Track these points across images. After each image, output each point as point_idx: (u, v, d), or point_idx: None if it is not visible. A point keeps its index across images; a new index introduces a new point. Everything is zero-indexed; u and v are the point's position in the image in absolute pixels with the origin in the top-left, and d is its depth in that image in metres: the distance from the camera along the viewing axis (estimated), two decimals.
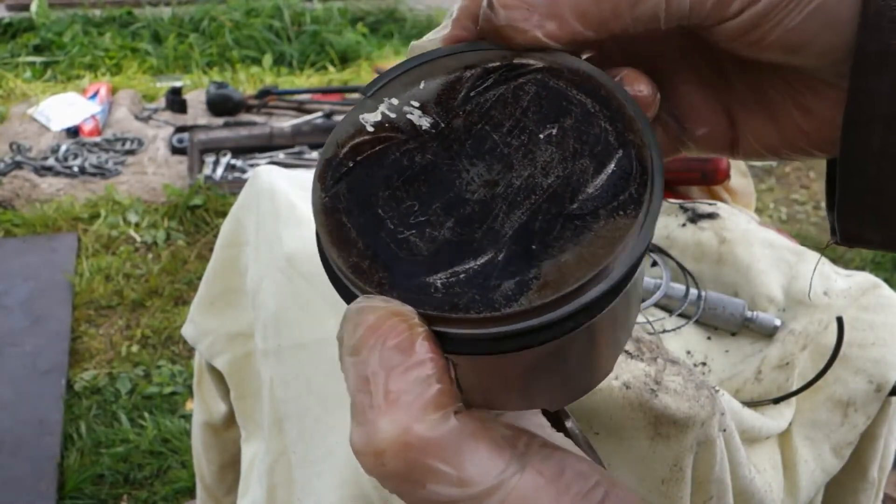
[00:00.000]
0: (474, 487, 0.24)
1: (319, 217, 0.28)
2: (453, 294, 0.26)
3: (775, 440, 0.88)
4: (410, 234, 0.27)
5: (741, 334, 0.97)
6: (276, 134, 3.69)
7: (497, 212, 0.27)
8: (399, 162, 0.29)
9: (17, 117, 4.07)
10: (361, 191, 0.28)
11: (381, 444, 0.24)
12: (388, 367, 0.24)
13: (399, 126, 0.29)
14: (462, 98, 0.30)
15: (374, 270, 0.27)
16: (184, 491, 2.01)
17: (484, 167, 0.28)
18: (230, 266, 1.08)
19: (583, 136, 0.29)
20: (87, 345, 2.52)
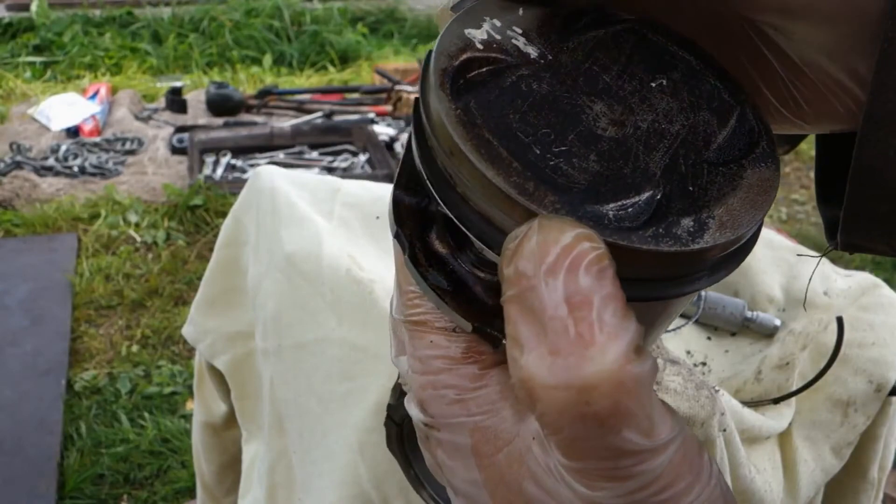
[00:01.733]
0: (657, 439, 0.23)
1: (458, 129, 0.25)
2: (631, 227, 0.24)
3: (775, 440, 0.88)
4: (559, 161, 0.25)
5: (741, 334, 0.97)
6: (276, 134, 3.69)
7: (636, 151, 0.26)
8: (517, 86, 0.27)
9: (17, 117, 4.07)
10: (492, 109, 0.26)
11: (591, 379, 0.21)
12: (590, 295, 0.21)
13: (507, 49, 0.28)
14: (561, 33, 0.29)
15: (543, 193, 0.24)
16: (184, 491, 2.01)
17: (604, 106, 0.27)
18: (230, 266, 1.08)
19: (695, 91, 0.29)
20: (87, 345, 2.52)
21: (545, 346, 0.22)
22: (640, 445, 0.22)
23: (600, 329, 0.21)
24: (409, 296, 0.29)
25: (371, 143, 3.66)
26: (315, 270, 0.88)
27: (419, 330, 0.28)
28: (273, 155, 3.57)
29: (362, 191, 1.01)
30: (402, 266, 0.29)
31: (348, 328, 0.84)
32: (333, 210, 0.98)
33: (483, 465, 0.26)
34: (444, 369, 0.27)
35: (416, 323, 0.28)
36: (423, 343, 0.28)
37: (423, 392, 0.27)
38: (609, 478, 0.23)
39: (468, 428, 0.26)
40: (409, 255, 0.28)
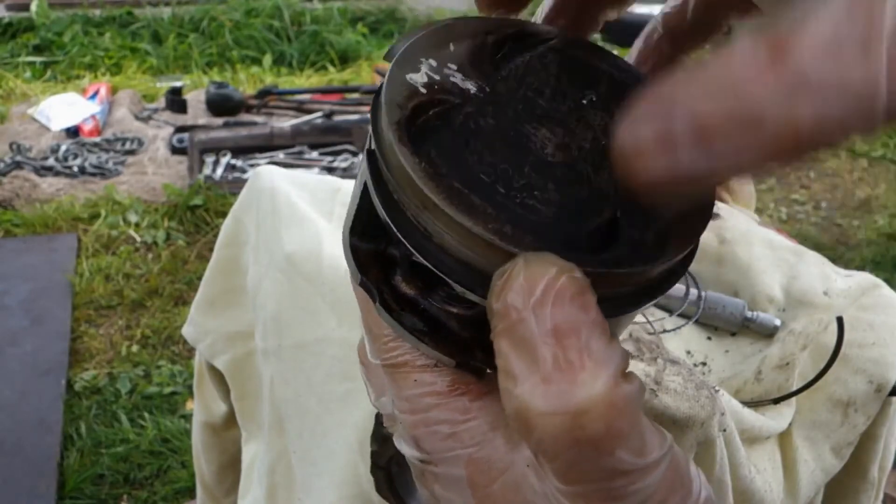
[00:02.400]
0: (648, 458, 0.23)
1: (428, 184, 0.25)
2: (601, 250, 0.25)
3: (775, 440, 0.88)
4: (524, 197, 0.26)
5: (741, 334, 0.97)
6: (276, 134, 3.69)
7: (587, 173, 0.27)
8: (467, 125, 0.27)
9: (17, 117, 4.07)
10: (452, 155, 0.26)
11: (584, 403, 0.22)
12: (578, 324, 0.22)
13: (448, 88, 0.28)
14: (492, 63, 0.29)
15: (521, 234, 0.25)
16: (184, 491, 2.01)
17: (547, 131, 0.28)
18: (230, 266, 1.08)
19: (622, 102, 0.29)
20: (87, 345, 2.52)
21: (537, 375, 0.22)
22: (634, 465, 0.23)
23: (589, 355, 0.22)
24: (383, 340, 0.29)
25: None
26: (315, 270, 0.88)
27: (401, 371, 0.29)
28: (273, 155, 3.57)
29: None
30: (371, 311, 0.29)
31: (348, 328, 0.84)
32: (333, 210, 0.98)
33: (479, 496, 0.26)
34: (433, 405, 0.28)
35: (396, 365, 0.29)
36: (407, 383, 0.28)
37: (416, 430, 0.28)
38: (605, 499, 0.23)
39: (463, 460, 0.27)
40: (379, 302, 0.29)
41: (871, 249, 3.40)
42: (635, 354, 0.72)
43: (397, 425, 0.29)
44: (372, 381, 0.32)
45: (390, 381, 0.29)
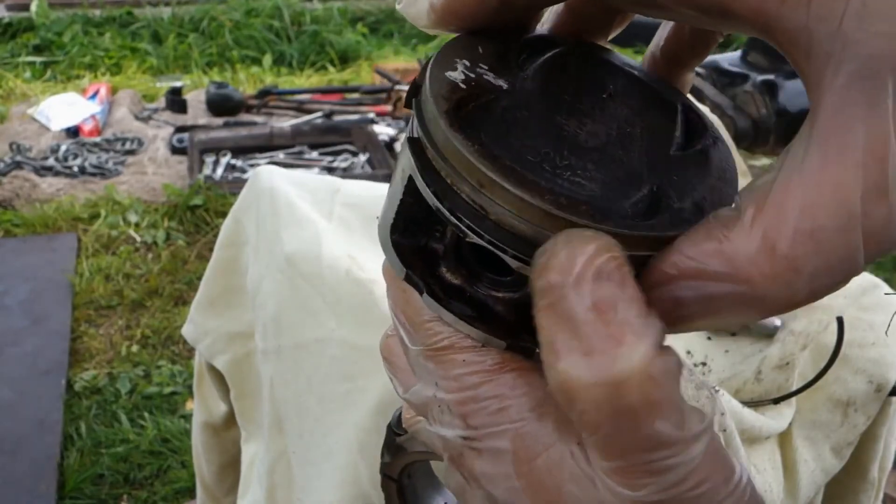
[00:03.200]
0: (689, 430, 0.24)
1: (484, 162, 0.27)
2: (647, 220, 0.27)
3: (775, 440, 0.88)
4: (570, 175, 0.28)
5: (741, 334, 0.97)
6: (276, 134, 3.69)
7: (619, 156, 0.29)
8: (507, 116, 0.29)
9: (17, 117, 4.08)
10: (500, 140, 0.28)
11: (623, 374, 0.23)
12: (616, 299, 0.24)
13: (483, 84, 0.30)
14: (517, 63, 0.32)
15: (575, 205, 0.27)
16: (184, 491, 2.01)
17: (576, 121, 0.30)
18: (230, 266, 1.08)
19: (639, 96, 0.32)
20: (87, 345, 2.52)
21: (579, 349, 0.23)
22: (674, 436, 0.24)
23: (627, 329, 0.23)
24: (425, 327, 0.31)
25: (371, 143, 3.66)
26: (315, 271, 0.88)
27: (447, 354, 0.30)
28: (273, 155, 3.57)
29: (362, 191, 1.01)
30: (409, 303, 0.32)
31: (348, 328, 0.84)
32: (333, 210, 0.98)
33: (522, 471, 0.28)
34: (483, 381, 0.29)
35: (442, 349, 0.30)
36: (455, 363, 0.30)
37: (465, 407, 0.29)
38: (647, 472, 0.24)
39: (510, 435, 0.28)
40: (427, 292, 0.30)
41: None
42: None
43: (435, 410, 0.30)
44: (399, 375, 0.33)
45: (436, 364, 0.30)
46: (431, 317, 0.31)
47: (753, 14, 0.25)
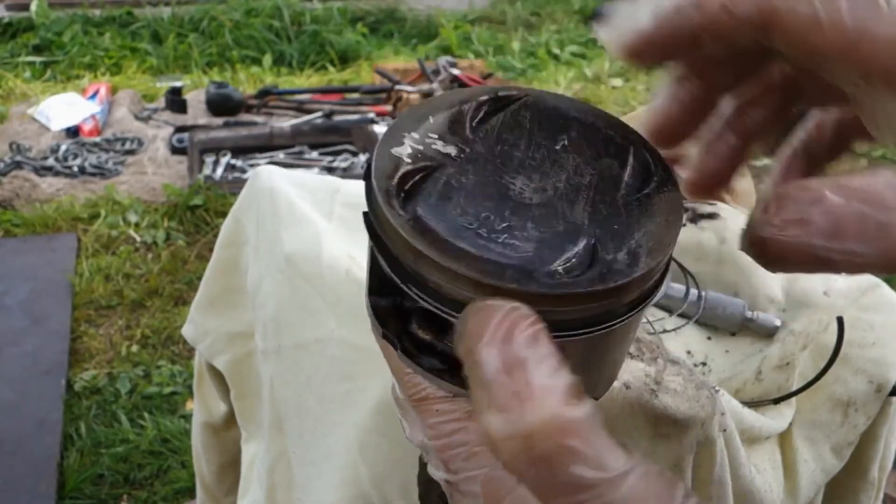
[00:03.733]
0: (610, 472, 0.25)
1: (417, 238, 0.29)
2: (579, 274, 0.29)
3: (775, 440, 0.88)
4: (505, 237, 0.30)
5: (741, 334, 0.97)
6: (276, 134, 3.69)
7: (562, 209, 0.31)
8: (449, 184, 0.31)
9: (17, 117, 4.07)
10: (437, 211, 0.30)
11: (531, 427, 0.25)
12: (524, 359, 0.26)
13: (430, 155, 0.32)
14: (470, 127, 0.33)
15: (502, 269, 0.29)
16: (184, 491, 2.01)
17: (524, 179, 0.32)
18: (230, 266, 1.08)
19: (593, 143, 0.33)
20: (87, 345, 2.52)
21: (494, 406, 0.26)
22: (595, 478, 0.25)
23: (536, 384, 0.25)
24: (405, 379, 0.34)
25: (371, 143, 3.66)
26: (315, 271, 0.88)
27: (425, 404, 0.33)
28: (273, 155, 3.57)
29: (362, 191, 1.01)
30: (394, 356, 0.34)
31: (348, 328, 0.84)
32: (333, 210, 0.98)
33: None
34: (455, 430, 0.32)
35: (420, 399, 0.33)
36: (431, 413, 0.33)
37: (444, 454, 0.32)
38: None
39: (479, 479, 0.31)
40: (400, 349, 0.33)
41: None
42: (635, 354, 0.72)
43: (430, 453, 0.33)
44: (407, 418, 0.36)
45: (418, 413, 0.33)
46: (408, 371, 0.33)
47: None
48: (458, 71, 4.49)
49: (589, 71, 5.30)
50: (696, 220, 1.04)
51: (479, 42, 5.63)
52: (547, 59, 5.54)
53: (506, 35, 5.91)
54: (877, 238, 0.28)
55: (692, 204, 1.06)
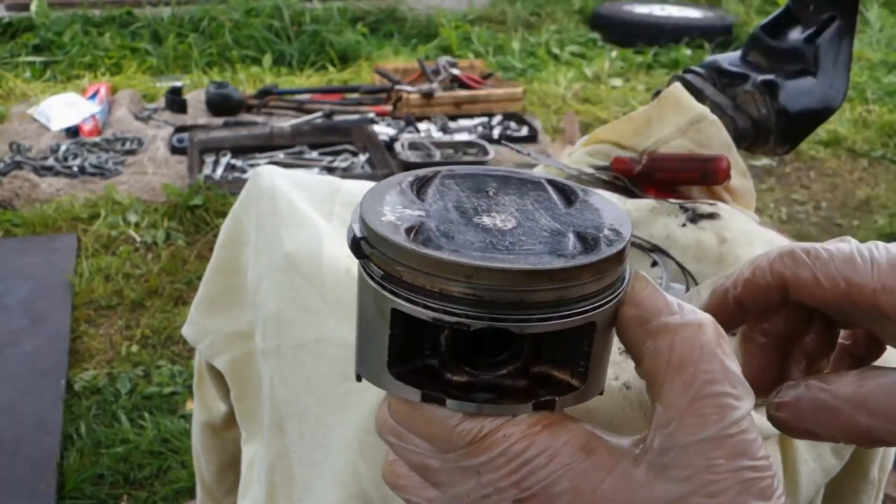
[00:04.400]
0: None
1: (461, 258, 0.33)
2: (590, 250, 0.34)
3: (775, 440, 0.88)
4: (518, 248, 0.34)
5: None
6: (276, 134, 3.69)
7: (534, 225, 0.36)
8: (441, 230, 0.35)
9: (17, 117, 4.08)
10: (449, 245, 0.34)
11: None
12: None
13: (408, 218, 0.36)
14: (418, 197, 0.38)
15: (539, 259, 0.33)
16: (184, 491, 2.01)
17: (488, 216, 0.36)
18: (230, 266, 1.08)
19: (513, 185, 0.40)
20: (87, 345, 2.52)
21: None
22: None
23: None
24: (456, 431, 0.35)
25: (371, 143, 3.66)
26: (315, 270, 0.88)
27: (488, 439, 0.34)
28: (273, 155, 3.57)
29: (362, 191, 1.01)
30: (431, 421, 0.36)
31: (348, 328, 0.84)
32: (333, 210, 0.98)
33: (586, 500, 0.34)
34: (528, 445, 0.34)
35: (483, 437, 0.34)
36: (497, 442, 0.34)
37: (517, 473, 0.34)
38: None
39: (567, 476, 0.33)
40: (450, 397, 0.35)
41: None
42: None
43: (474, 500, 0.34)
44: (417, 493, 0.37)
45: (478, 454, 0.34)
46: (458, 420, 0.35)
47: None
48: (458, 71, 4.49)
49: (589, 71, 5.30)
50: (696, 220, 1.04)
51: (479, 42, 5.63)
52: (547, 59, 5.54)
53: (506, 35, 5.91)
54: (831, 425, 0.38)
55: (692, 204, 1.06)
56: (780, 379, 0.43)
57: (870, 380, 0.38)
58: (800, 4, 1.09)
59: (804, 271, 0.39)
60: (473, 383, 0.36)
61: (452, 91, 4.34)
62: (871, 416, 0.37)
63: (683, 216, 1.04)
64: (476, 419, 0.34)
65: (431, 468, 0.36)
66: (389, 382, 0.36)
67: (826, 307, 0.40)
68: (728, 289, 0.42)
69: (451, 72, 4.44)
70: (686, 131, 1.05)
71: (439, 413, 0.35)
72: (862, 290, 0.38)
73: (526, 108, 4.46)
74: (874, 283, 0.38)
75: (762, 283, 0.41)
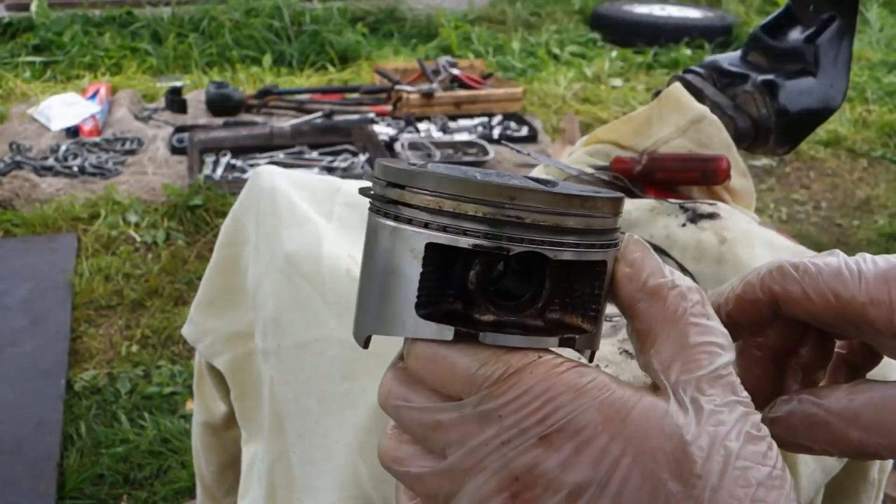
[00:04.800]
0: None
1: (501, 182, 0.35)
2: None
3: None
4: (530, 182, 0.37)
5: None
6: (276, 134, 3.69)
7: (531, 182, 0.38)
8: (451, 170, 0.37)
9: (17, 117, 4.08)
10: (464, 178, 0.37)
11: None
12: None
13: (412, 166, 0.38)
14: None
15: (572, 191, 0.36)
16: (184, 491, 2.01)
17: (480, 174, 0.37)
18: (230, 266, 1.08)
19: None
20: (87, 345, 2.52)
21: None
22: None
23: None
24: (479, 373, 0.35)
25: (371, 143, 3.66)
26: (315, 270, 0.88)
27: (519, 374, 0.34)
28: (273, 155, 3.57)
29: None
30: (456, 366, 0.36)
31: (348, 328, 0.84)
32: (333, 210, 0.98)
33: (616, 428, 0.34)
34: (555, 381, 0.35)
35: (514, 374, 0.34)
36: (525, 379, 0.34)
37: (543, 409, 0.34)
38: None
39: (595, 405, 0.34)
40: (484, 330, 0.35)
41: (871, 249, 3.39)
42: (635, 354, 0.71)
43: (491, 447, 0.34)
44: (417, 463, 0.36)
45: (501, 394, 0.34)
46: (485, 358, 0.35)
47: None
48: (458, 71, 4.49)
49: (589, 71, 5.30)
50: (696, 220, 1.04)
51: (479, 42, 5.63)
52: (547, 59, 5.54)
53: (506, 35, 5.91)
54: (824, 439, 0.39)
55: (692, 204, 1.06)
56: (777, 391, 0.44)
57: (861, 394, 0.39)
58: (800, 4, 1.09)
59: (793, 286, 0.40)
60: (498, 323, 0.36)
61: (452, 91, 4.34)
62: (863, 430, 0.38)
63: (683, 216, 1.04)
64: (502, 358, 0.34)
65: (444, 424, 0.35)
66: (417, 325, 0.36)
67: (817, 321, 0.41)
68: (720, 305, 0.44)
69: (451, 72, 4.44)
70: (686, 131, 1.05)
71: (467, 353, 0.35)
72: (851, 303, 0.39)
73: (526, 108, 4.46)
74: (863, 296, 0.39)
75: (753, 300, 0.42)
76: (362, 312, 0.39)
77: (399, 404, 0.37)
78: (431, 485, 0.35)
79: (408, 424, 0.37)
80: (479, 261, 0.36)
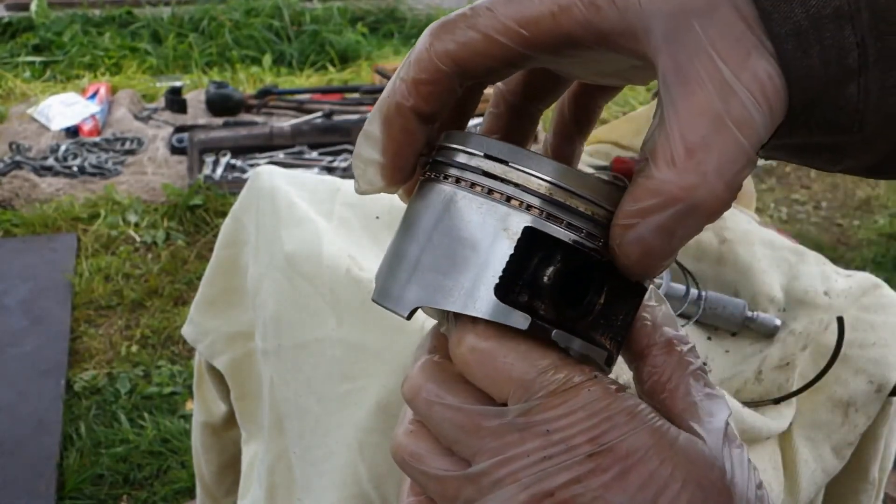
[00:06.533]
0: None
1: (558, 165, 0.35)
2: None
3: (776, 440, 0.88)
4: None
5: (741, 334, 0.97)
6: (275, 134, 3.69)
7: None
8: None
9: (16, 117, 4.07)
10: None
11: None
12: None
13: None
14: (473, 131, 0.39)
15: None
16: (184, 491, 2.01)
17: None
18: (230, 266, 1.08)
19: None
20: (87, 345, 2.52)
21: None
22: None
23: None
24: (539, 380, 0.33)
25: None
26: (315, 270, 0.88)
27: (578, 389, 0.33)
28: (273, 155, 3.57)
29: None
30: (515, 365, 0.34)
31: (348, 328, 0.84)
32: (333, 210, 0.98)
33: (666, 454, 0.34)
34: (611, 402, 0.34)
35: (573, 387, 0.33)
36: (582, 397, 0.33)
37: (597, 429, 0.33)
38: None
39: (646, 431, 0.33)
40: (556, 329, 0.34)
41: (871, 249, 3.40)
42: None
43: (530, 461, 0.32)
44: (433, 462, 0.34)
45: (561, 404, 0.33)
46: (549, 363, 0.33)
47: (594, 35, 0.32)
48: None
49: None
50: None
51: None
52: None
53: None
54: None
55: None
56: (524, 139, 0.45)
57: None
58: None
59: (466, 35, 0.33)
60: (558, 324, 0.34)
61: None
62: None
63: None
64: (562, 371, 0.33)
65: (482, 429, 0.33)
66: (492, 307, 0.33)
67: (601, 45, 0.33)
68: (399, 105, 0.36)
69: None
70: None
71: (528, 356, 0.33)
72: (645, 10, 0.31)
73: None
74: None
75: (433, 75, 0.35)
76: (411, 280, 0.35)
77: (433, 400, 0.34)
78: (452, 488, 0.33)
79: (438, 423, 0.34)
80: (564, 258, 0.34)
